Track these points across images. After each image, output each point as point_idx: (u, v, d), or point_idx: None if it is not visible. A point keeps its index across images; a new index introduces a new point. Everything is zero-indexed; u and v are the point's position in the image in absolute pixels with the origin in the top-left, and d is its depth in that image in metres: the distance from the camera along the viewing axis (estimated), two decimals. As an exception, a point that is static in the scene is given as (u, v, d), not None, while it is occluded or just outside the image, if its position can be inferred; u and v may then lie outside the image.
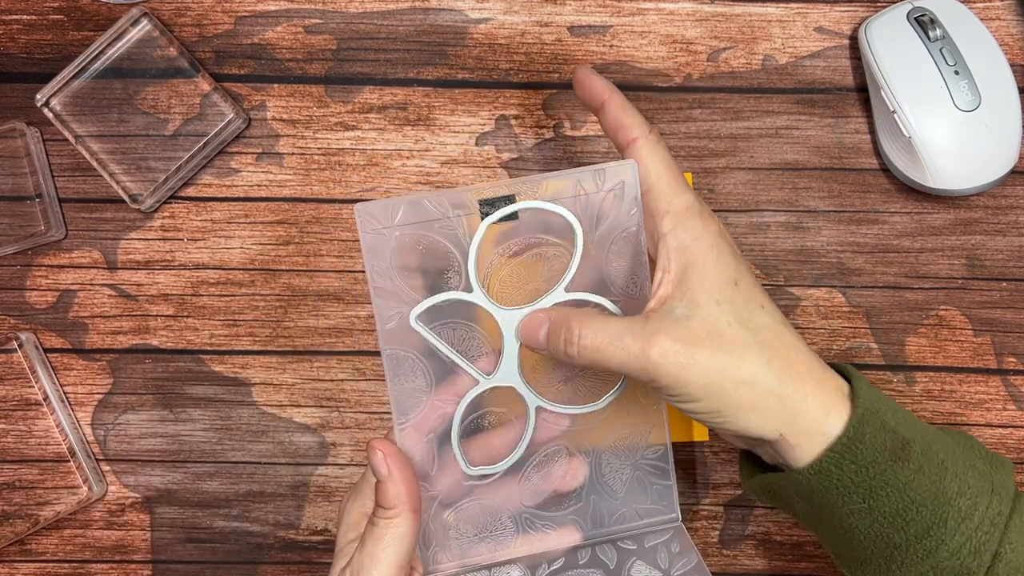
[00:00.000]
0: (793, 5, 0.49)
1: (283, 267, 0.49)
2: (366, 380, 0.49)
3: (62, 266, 0.49)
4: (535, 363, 0.40)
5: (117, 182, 0.48)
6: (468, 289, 0.38)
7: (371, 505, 0.38)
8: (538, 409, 0.40)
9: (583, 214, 0.38)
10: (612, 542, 0.41)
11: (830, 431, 0.35)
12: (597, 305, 0.39)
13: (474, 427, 0.40)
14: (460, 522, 0.40)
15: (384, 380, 0.48)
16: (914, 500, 0.35)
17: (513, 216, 0.38)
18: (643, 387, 0.40)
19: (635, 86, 0.49)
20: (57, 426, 0.49)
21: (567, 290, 0.39)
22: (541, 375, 0.40)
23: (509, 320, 0.39)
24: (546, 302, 0.39)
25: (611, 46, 0.49)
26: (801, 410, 0.35)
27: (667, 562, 0.40)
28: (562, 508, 0.41)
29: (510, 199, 0.38)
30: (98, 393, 0.49)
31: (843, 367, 0.38)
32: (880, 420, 0.35)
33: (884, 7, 0.48)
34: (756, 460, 0.40)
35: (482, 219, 0.38)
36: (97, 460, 0.49)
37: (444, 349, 0.39)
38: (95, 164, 0.48)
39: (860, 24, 0.48)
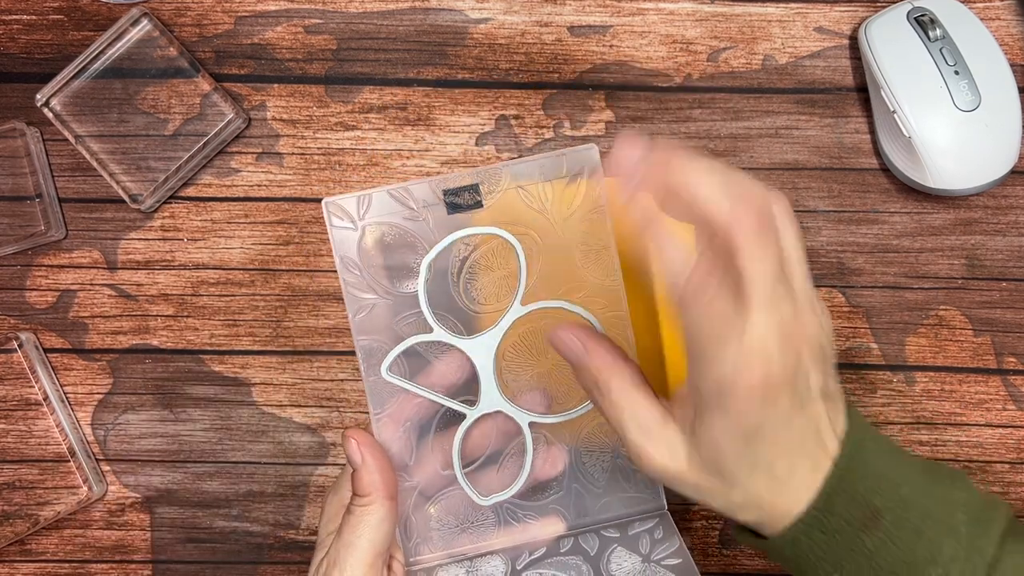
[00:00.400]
0: (793, 5, 0.49)
1: (283, 267, 0.49)
2: (366, 380, 0.49)
3: (62, 266, 0.49)
4: (508, 380, 0.40)
5: (117, 182, 0.48)
6: (428, 329, 0.39)
7: (349, 497, 0.38)
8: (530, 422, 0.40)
9: (547, 200, 0.39)
10: (595, 531, 0.41)
11: (802, 506, 0.35)
12: (558, 310, 0.40)
13: (449, 420, 0.40)
14: (442, 513, 0.40)
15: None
16: (883, 568, 0.34)
17: (478, 204, 0.39)
18: None
19: (635, 86, 0.49)
20: (57, 426, 0.49)
21: (523, 303, 0.39)
22: (514, 387, 0.40)
23: (475, 347, 0.39)
24: (506, 320, 0.39)
25: (611, 46, 0.49)
26: (783, 504, 0.35)
27: (648, 547, 0.40)
28: (544, 498, 0.41)
29: (474, 188, 0.38)
30: (98, 393, 0.49)
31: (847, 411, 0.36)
32: (851, 490, 0.34)
33: (884, 7, 0.48)
34: None
35: (447, 210, 0.39)
36: (97, 460, 0.49)
37: (425, 393, 0.39)
38: (95, 164, 0.48)
39: (860, 24, 0.48)
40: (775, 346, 0.31)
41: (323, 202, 0.38)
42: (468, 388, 0.40)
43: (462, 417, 0.40)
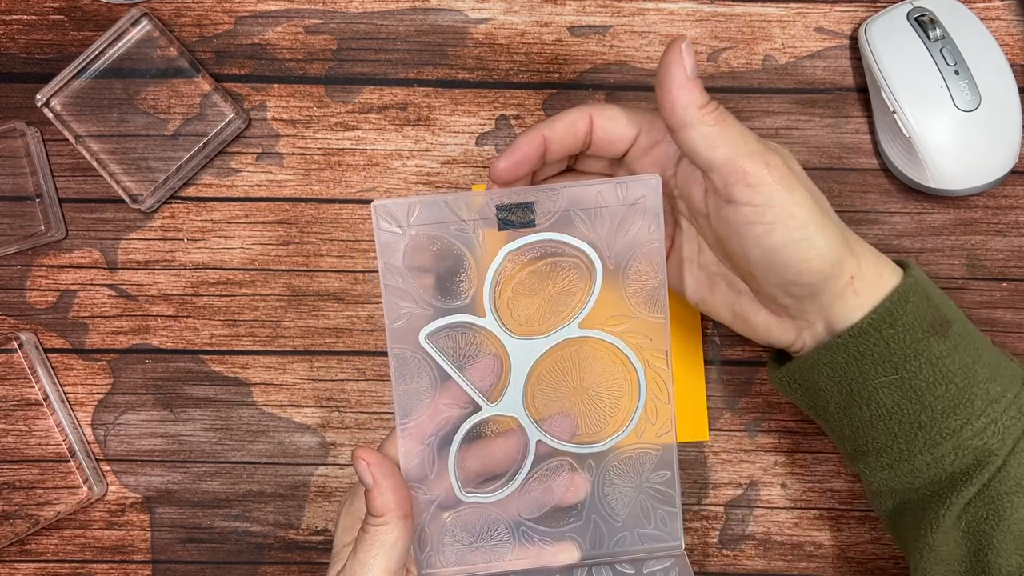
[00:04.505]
0: (793, 5, 0.49)
1: (283, 267, 0.49)
2: (366, 380, 0.49)
3: (62, 266, 0.49)
4: (537, 392, 0.40)
5: (117, 182, 0.48)
6: (481, 313, 0.38)
7: (364, 510, 0.38)
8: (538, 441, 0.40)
9: (601, 227, 0.38)
10: (610, 564, 0.41)
11: (876, 295, 0.36)
12: (609, 344, 0.39)
13: (475, 434, 0.40)
14: (456, 527, 0.40)
15: (385, 380, 0.49)
16: (944, 376, 0.36)
17: (530, 223, 0.38)
18: (655, 408, 0.40)
19: (635, 86, 0.49)
20: (57, 426, 0.49)
21: (581, 326, 0.39)
22: (541, 403, 0.40)
23: (518, 348, 0.39)
24: (558, 335, 0.39)
25: (611, 46, 0.49)
26: (860, 255, 0.37)
27: None
28: (561, 524, 0.40)
29: (528, 206, 0.38)
30: (98, 393, 0.49)
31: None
32: (926, 293, 0.37)
33: (884, 7, 0.48)
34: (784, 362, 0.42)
35: (499, 225, 0.38)
36: (97, 460, 0.49)
37: (452, 372, 0.39)
38: (95, 164, 0.48)
39: (860, 24, 0.48)
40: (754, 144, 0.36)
41: (373, 204, 0.37)
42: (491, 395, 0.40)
43: (486, 434, 0.40)
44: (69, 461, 0.48)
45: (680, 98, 0.36)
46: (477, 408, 0.39)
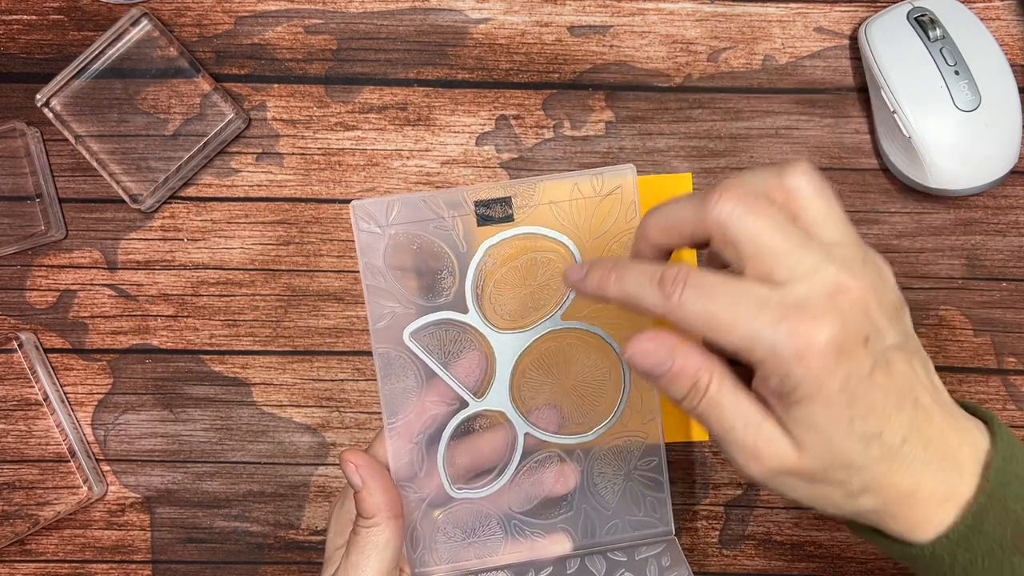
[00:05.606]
0: (793, 5, 0.49)
1: (283, 267, 0.49)
2: (366, 380, 0.49)
3: (62, 266, 0.49)
4: (522, 385, 0.40)
5: (117, 182, 0.48)
6: (463, 309, 0.39)
7: (355, 512, 0.38)
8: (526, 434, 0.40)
9: (579, 219, 0.38)
10: (602, 553, 0.41)
11: (946, 517, 0.32)
12: (592, 335, 0.39)
13: (463, 430, 0.40)
14: (448, 524, 0.40)
15: (384, 380, 0.49)
16: None
17: (509, 218, 0.38)
18: (640, 396, 0.40)
19: (635, 86, 0.49)
20: (57, 426, 0.49)
21: (563, 318, 0.39)
22: (528, 396, 0.40)
23: (502, 343, 0.39)
24: (541, 328, 0.39)
25: (611, 46, 0.49)
26: (906, 487, 0.32)
27: (656, 574, 0.40)
28: (552, 516, 0.41)
29: (506, 201, 0.38)
30: (98, 393, 0.49)
31: (985, 415, 0.34)
32: (1004, 507, 0.32)
33: (884, 7, 0.48)
34: None
35: (477, 221, 0.38)
36: (97, 460, 0.49)
37: (437, 369, 0.39)
38: (95, 164, 0.48)
39: (860, 24, 0.48)
40: (821, 303, 0.29)
41: (351, 204, 0.37)
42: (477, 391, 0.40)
43: (474, 429, 0.40)
44: (69, 461, 0.48)
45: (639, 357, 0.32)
46: (464, 404, 0.39)
